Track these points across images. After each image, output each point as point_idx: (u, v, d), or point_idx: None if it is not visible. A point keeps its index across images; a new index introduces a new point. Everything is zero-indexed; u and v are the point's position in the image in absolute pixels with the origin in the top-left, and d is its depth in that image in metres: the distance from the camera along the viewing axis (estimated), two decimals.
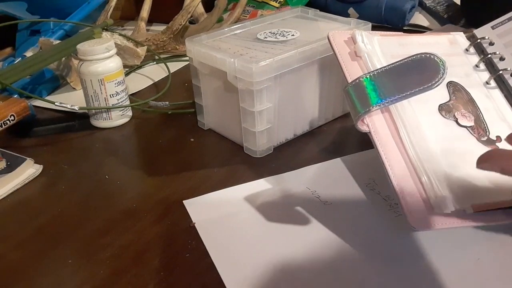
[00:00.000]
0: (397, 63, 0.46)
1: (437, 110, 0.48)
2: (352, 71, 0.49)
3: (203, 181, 0.54)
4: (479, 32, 0.57)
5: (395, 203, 0.49)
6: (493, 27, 0.57)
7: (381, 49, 0.52)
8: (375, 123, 0.46)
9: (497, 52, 0.54)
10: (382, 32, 0.55)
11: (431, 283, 0.39)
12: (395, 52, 0.53)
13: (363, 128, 0.45)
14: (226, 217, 0.48)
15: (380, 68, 0.47)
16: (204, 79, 0.62)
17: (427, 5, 1.02)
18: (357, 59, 0.51)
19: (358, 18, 0.96)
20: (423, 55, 0.45)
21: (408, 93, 0.45)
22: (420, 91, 0.45)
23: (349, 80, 0.48)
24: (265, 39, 0.61)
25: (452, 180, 0.43)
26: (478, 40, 0.56)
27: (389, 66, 0.46)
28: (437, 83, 0.44)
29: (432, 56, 0.45)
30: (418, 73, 0.45)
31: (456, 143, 0.46)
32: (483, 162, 0.38)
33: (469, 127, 0.48)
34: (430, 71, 0.44)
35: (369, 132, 0.45)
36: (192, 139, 0.64)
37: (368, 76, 0.46)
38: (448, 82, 0.51)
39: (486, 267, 0.41)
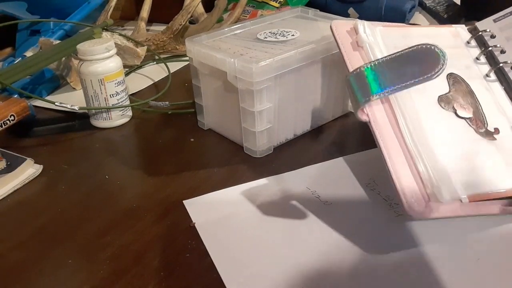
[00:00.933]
0: (398, 54, 0.46)
1: (436, 101, 0.48)
2: (354, 61, 0.49)
3: (203, 181, 0.55)
4: (481, 24, 0.57)
5: (395, 203, 0.49)
6: (495, 20, 0.56)
7: (383, 40, 0.52)
8: (374, 113, 0.46)
9: (498, 45, 0.54)
10: (385, 23, 0.55)
11: (431, 283, 0.39)
12: (398, 43, 0.52)
13: (363, 117, 0.46)
14: (226, 217, 0.48)
15: (381, 58, 0.47)
16: (204, 79, 0.62)
17: (427, 5, 1.02)
18: (359, 49, 0.51)
19: (358, 18, 0.96)
20: (424, 46, 0.46)
21: (408, 83, 0.45)
22: (420, 81, 0.45)
23: (350, 70, 0.48)
24: (265, 39, 0.61)
25: (449, 170, 0.43)
26: (480, 33, 0.56)
27: (390, 56, 0.47)
28: (437, 74, 0.44)
29: (432, 47, 0.45)
30: (418, 63, 0.45)
31: (454, 134, 0.46)
32: None
33: (467, 118, 0.48)
34: (430, 62, 0.45)
35: (369, 122, 0.45)
36: (192, 139, 0.64)
37: (369, 66, 0.46)
38: (448, 74, 0.51)
39: (486, 267, 0.41)
